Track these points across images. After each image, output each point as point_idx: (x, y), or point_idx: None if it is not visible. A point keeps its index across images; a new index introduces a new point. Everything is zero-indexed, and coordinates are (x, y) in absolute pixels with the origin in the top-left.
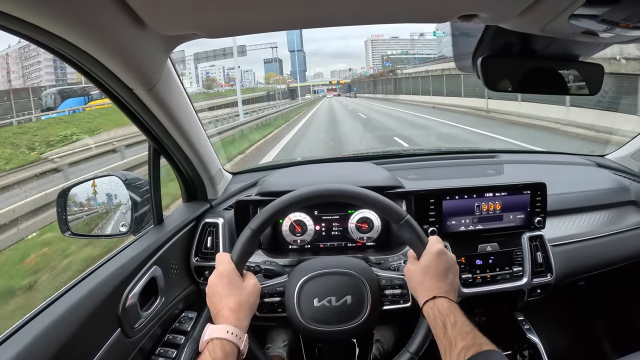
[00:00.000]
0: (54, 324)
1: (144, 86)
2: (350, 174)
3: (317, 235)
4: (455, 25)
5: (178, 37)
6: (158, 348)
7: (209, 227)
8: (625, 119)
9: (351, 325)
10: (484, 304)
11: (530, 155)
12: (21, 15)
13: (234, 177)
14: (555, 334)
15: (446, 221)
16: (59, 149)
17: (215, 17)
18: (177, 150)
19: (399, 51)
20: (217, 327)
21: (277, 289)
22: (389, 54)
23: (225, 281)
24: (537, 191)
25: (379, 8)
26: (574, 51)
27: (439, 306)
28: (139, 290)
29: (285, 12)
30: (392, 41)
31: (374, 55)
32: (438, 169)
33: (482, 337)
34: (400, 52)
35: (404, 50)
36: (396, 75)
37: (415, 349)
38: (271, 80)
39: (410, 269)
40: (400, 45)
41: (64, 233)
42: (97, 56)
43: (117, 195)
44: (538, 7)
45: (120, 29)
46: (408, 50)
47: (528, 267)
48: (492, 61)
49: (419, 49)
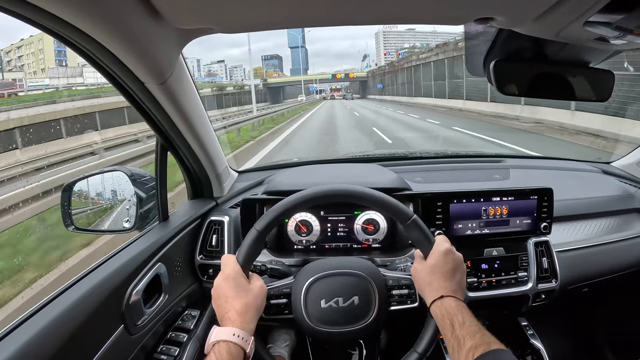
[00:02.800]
0: (57, 319)
1: (155, 80)
2: (357, 174)
3: (322, 235)
4: (468, 28)
5: (193, 31)
6: (160, 346)
7: (215, 225)
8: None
9: (359, 326)
10: (488, 308)
11: (536, 160)
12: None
13: (240, 175)
14: (558, 339)
15: (453, 224)
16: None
17: (232, 12)
18: (185, 146)
19: (418, 44)
20: (223, 329)
21: (284, 290)
22: (406, 47)
23: (231, 283)
24: (544, 196)
25: (398, 8)
26: (585, 57)
27: (446, 305)
28: (143, 287)
29: (303, 10)
30: (408, 33)
31: (387, 50)
32: (444, 172)
33: (491, 337)
34: (420, 45)
35: (423, 44)
36: (410, 63)
37: (423, 349)
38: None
39: (417, 269)
40: (418, 38)
41: (68, 227)
42: (111, 47)
43: (122, 190)
44: (554, 12)
45: (135, 20)
46: (429, 43)
47: (533, 272)
48: (503, 65)
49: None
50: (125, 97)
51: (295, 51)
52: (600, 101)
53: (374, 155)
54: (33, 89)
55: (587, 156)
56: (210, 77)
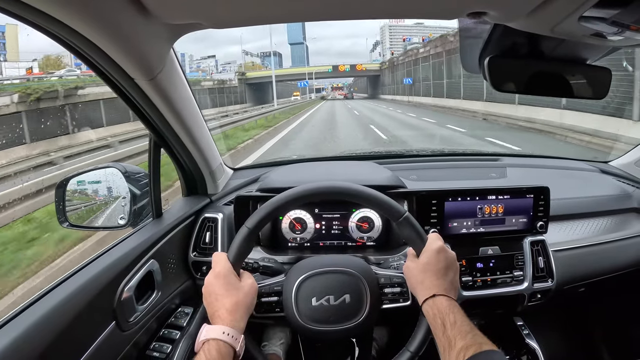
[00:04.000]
0: (47, 315)
1: (145, 76)
2: (352, 172)
3: (317, 233)
4: (463, 24)
5: (182, 26)
6: (153, 343)
7: (208, 222)
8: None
9: (350, 325)
10: (483, 308)
11: (533, 159)
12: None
13: (235, 172)
14: (554, 339)
15: (448, 223)
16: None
17: (221, 7)
18: (177, 142)
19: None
20: (213, 327)
21: (275, 288)
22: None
23: (221, 281)
24: (540, 195)
25: (389, 2)
26: (581, 54)
27: (438, 305)
28: (135, 284)
29: (292, 4)
30: (415, 28)
31: (393, 46)
32: (440, 171)
33: (482, 337)
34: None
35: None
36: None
37: (416, 348)
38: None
39: (409, 267)
40: (426, 33)
41: (62, 224)
42: (99, 43)
43: (116, 187)
44: (548, 6)
45: (123, 15)
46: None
47: (529, 271)
48: (499, 62)
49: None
50: (116, 93)
51: (295, 48)
52: (597, 99)
53: (370, 153)
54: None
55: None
56: (191, 73)
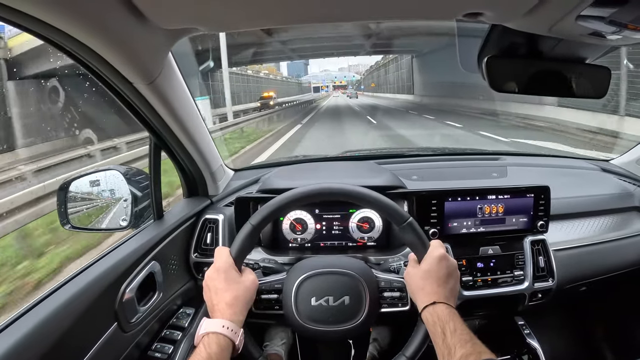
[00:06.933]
0: (49, 317)
1: (144, 80)
2: (352, 173)
3: (317, 233)
4: (461, 24)
5: (179, 31)
6: (155, 343)
7: (209, 223)
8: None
9: (348, 326)
10: (484, 308)
11: (534, 158)
12: (21, 7)
13: (235, 173)
14: (555, 339)
15: (448, 223)
16: None
17: (215, 12)
18: (177, 145)
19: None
20: (212, 321)
21: (275, 285)
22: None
23: (222, 275)
24: (541, 194)
25: (385, 4)
26: (580, 53)
27: (438, 312)
28: (137, 285)
29: (286, 8)
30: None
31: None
32: (441, 170)
33: (481, 346)
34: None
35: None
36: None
37: (412, 353)
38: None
39: (410, 273)
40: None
41: (64, 226)
42: (97, 49)
43: (117, 189)
44: (545, 6)
45: (120, 21)
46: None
47: (530, 271)
48: (497, 62)
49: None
50: (116, 97)
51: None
52: (597, 98)
53: (370, 153)
54: None
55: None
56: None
